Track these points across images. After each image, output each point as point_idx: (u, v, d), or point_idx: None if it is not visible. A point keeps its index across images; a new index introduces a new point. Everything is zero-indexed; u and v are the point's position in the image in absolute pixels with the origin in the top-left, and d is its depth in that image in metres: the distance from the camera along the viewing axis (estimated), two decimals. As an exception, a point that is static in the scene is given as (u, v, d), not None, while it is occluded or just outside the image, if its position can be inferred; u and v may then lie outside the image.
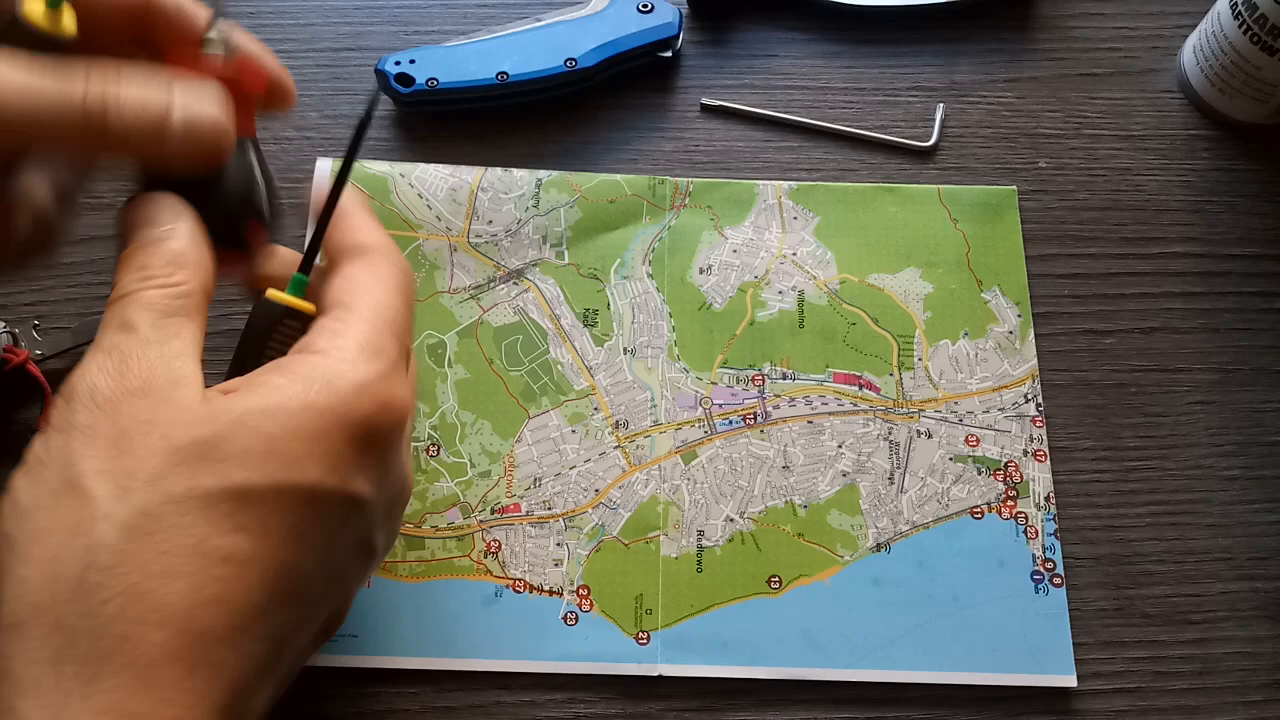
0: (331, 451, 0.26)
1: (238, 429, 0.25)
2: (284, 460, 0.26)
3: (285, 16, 0.53)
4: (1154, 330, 0.47)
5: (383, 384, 0.28)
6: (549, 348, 0.46)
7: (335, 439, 0.26)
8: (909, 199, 0.49)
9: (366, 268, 0.30)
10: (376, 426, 0.27)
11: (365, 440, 0.27)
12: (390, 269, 0.31)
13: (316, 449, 0.26)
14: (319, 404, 0.26)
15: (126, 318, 0.27)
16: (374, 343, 0.28)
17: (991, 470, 0.44)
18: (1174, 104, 0.52)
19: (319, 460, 0.26)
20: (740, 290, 0.47)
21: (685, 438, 0.44)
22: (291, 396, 0.26)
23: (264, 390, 0.26)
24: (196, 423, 0.25)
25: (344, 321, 0.29)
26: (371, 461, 0.28)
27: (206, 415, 0.26)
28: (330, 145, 0.50)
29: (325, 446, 0.26)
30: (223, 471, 0.25)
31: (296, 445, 0.26)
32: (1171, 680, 0.41)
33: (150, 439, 0.25)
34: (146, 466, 0.25)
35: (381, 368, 0.28)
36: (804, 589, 0.42)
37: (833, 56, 0.53)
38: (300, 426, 0.26)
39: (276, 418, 0.26)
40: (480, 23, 0.53)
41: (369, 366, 0.28)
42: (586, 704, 0.40)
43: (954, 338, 0.46)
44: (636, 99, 0.52)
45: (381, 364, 0.28)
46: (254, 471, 0.25)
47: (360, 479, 0.27)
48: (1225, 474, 0.45)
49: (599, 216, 0.48)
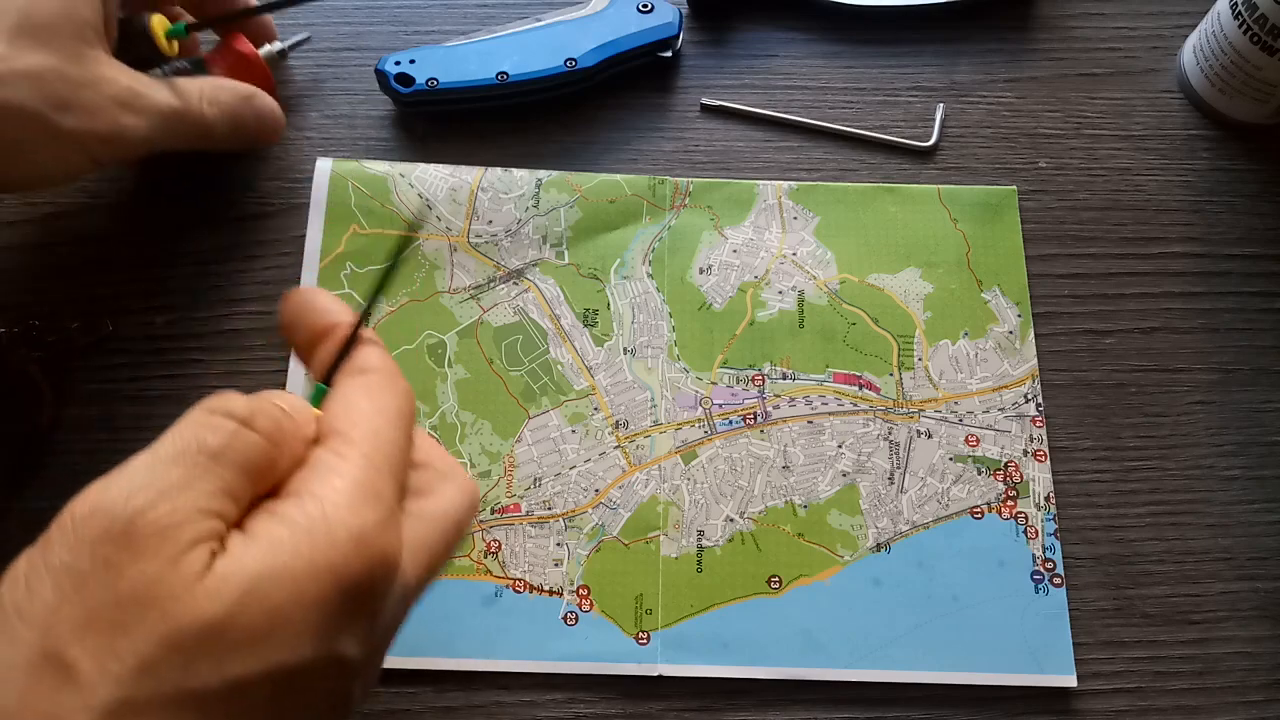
0: (327, 617, 0.25)
1: (244, 605, 0.23)
2: (283, 638, 0.24)
3: (285, 16, 0.53)
4: (1154, 330, 0.47)
5: (379, 535, 0.26)
6: (549, 348, 0.46)
7: (333, 600, 0.25)
8: (909, 199, 0.49)
9: (367, 393, 0.29)
10: (372, 582, 0.26)
11: (359, 598, 0.26)
12: (392, 396, 0.29)
13: (314, 616, 0.24)
14: (319, 562, 0.25)
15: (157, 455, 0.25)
16: (372, 485, 0.27)
17: (991, 470, 0.44)
18: (1174, 104, 0.52)
19: (315, 630, 0.25)
20: (740, 290, 0.47)
21: (685, 438, 0.44)
22: (295, 555, 0.24)
23: (267, 549, 0.24)
24: (200, 600, 0.23)
25: (341, 457, 0.27)
26: (362, 619, 0.26)
27: (211, 588, 0.23)
28: (330, 145, 0.50)
29: (323, 612, 0.25)
30: (220, 666, 0.23)
31: (297, 615, 0.24)
32: (1171, 680, 0.41)
33: (149, 616, 0.23)
34: (140, 651, 0.22)
35: (379, 515, 0.26)
36: (804, 589, 0.42)
37: (833, 56, 0.53)
38: (303, 592, 0.24)
39: (282, 583, 0.24)
40: (480, 23, 0.53)
41: (366, 514, 0.26)
42: (586, 704, 0.40)
43: (954, 338, 0.46)
44: (636, 99, 0.52)
45: (379, 511, 0.26)
46: (252, 660, 0.23)
47: (348, 639, 0.26)
48: (1225, 474, 0.45)
49: (599, 216, 0.48)
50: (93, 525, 0.23)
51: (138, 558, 0.23)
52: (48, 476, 0.43)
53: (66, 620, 0.22)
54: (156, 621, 0.22)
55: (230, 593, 0.23)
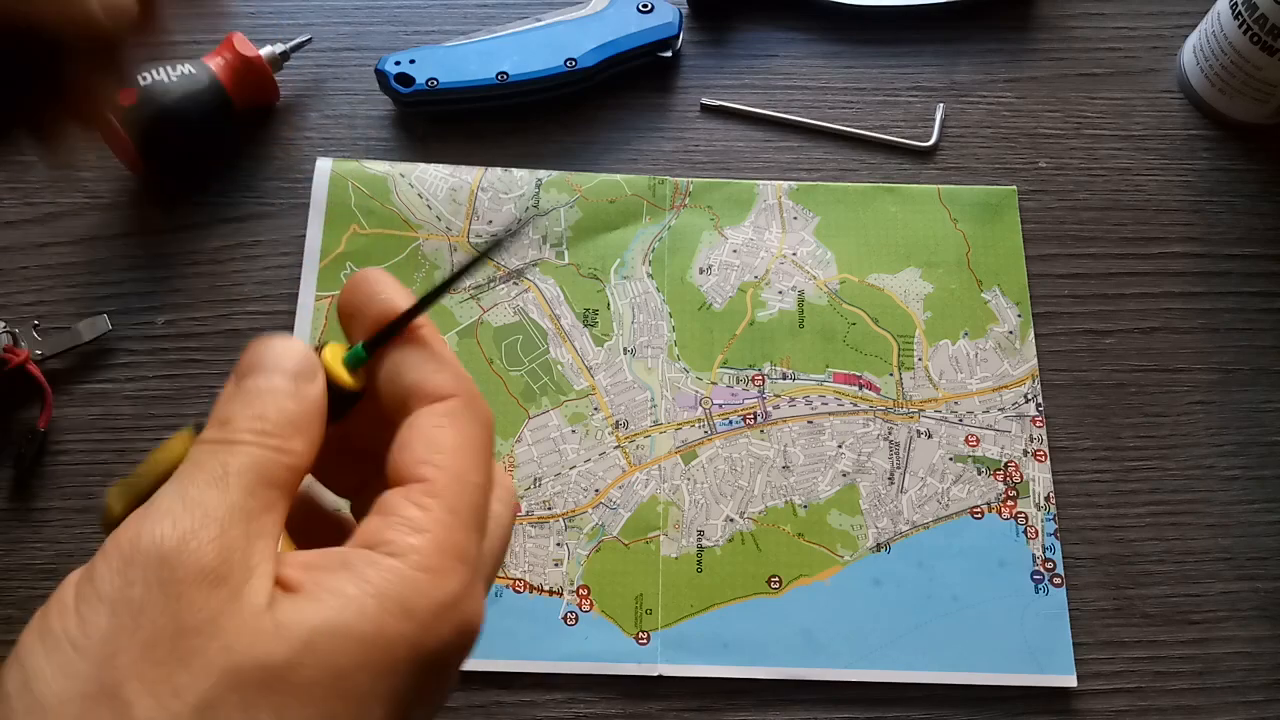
0: (399, 688, 0.23)
1: (305, 657, 0.22)
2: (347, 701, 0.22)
3: (285, 16, 0.53)
4: (1154, 330, 0.47)
5: (464, 604, 0.24)
6: (549, 348, 0.46)
7: (405, 673, 0.23)
8: (909, 199, 0.49)
9: (451, 427, 0.26)
10: (450, 653, 0.24)
11: (435, 668, 0.24)
12: (475, 426, 0.26)
13: (383, 685, 0.23)
14: (393, 632, 0.22)
15: (225, 470, 0.23)
16: (457, 544, 0.24)
17: (991, 470, 0.44)
18: (1174, 104, 0.52)
19: (383, 699, 0.23)
20: (740, 290, 0.47)
21: (685, 438, 0.44)
22: (364, 617, 0.22)
23: (335, 603, 0.22)
24: (263, 639, 0.22)
25: (424, 510, 0.24)
26: (435, 685, 0.24)
27: (274, 629, 0.22)
28: (330, 145, 0.50)
29: (393, 683, 0.23)
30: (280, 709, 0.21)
31: (363, 680, 0.22)
32: (1171, 680, 0.41)
33: (210, 649, 0.21)
34: (199, 687, 0.21)
35: (462, 579, 0.24)
36: (804, 589, 0.42)
37: (833, 56, 0.53)
38: (370, 659, 0.22)
39: (347, 646, 0.22)
40: (480, 23, 0.53)
41: (450, 580, 0.24)
42: (586, 704, 0.40)
43: (954, 338, 0.46)
44: (636, 99, 0.52)
45: (462, 575, 0.24)
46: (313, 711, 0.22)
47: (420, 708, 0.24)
48: (1225, 474, 0.45)
49: (599, 216, 0.48)
50: (145, 552, 0.22)
51: (197, 586, 0.21)
52: (48, 476, 0.43)
53: (124, 651, 0.21)
54: (218, 655, 0.21)
55: (293, 638, 0.22)
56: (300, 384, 0.25)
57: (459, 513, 0.24)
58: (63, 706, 0.20)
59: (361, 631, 0.22)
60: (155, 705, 0.20)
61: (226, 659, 0.21)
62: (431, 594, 0.23)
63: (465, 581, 0.24)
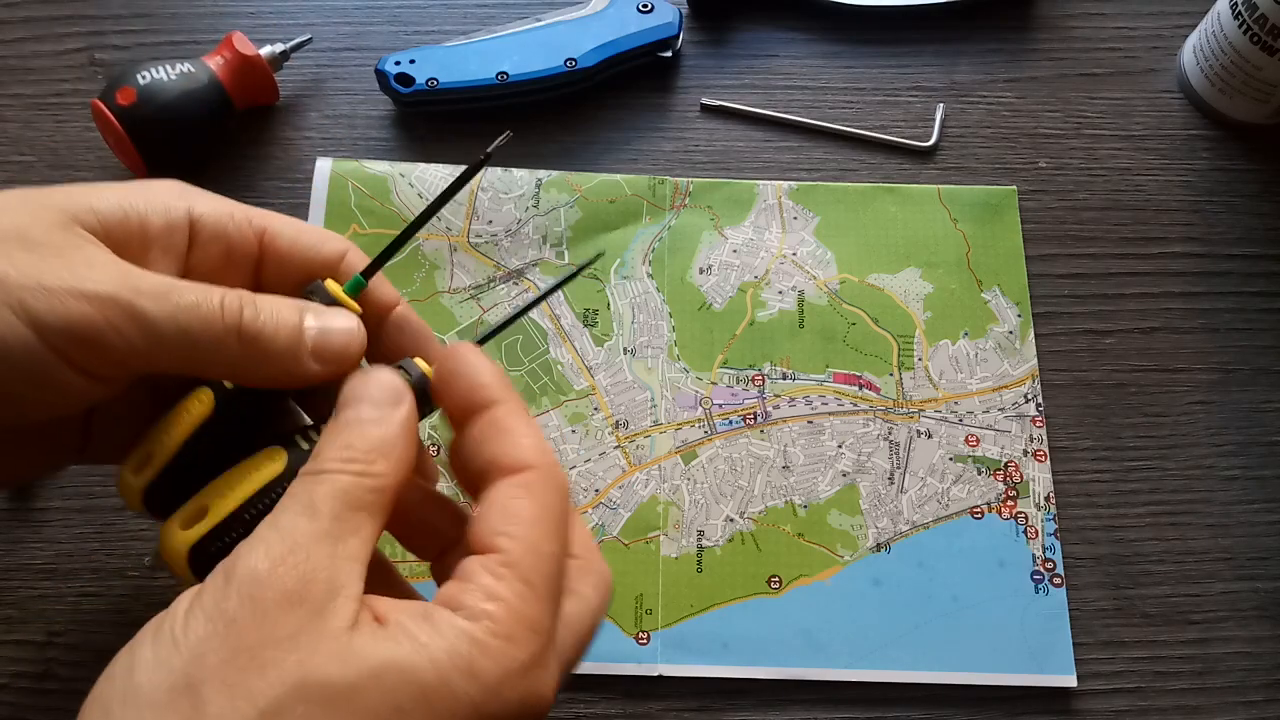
0: None
1: (370, 684, 0.23)
2: None
3: (285, 16, 0.53)
4: (1154, 330, 0.47)
5: (532, 674, 0.24)
6: (549, 348, 0.46)
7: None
8: (909, 199, 0.49)
9: (527, 498, 0.27)
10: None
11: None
12: (553, 495, 0.27)
13: None
14: (458, 689, 0.23)
15: (313, 500, 0.25)
16: (530, 615, 0.25)
17: (991, 470, 0.44)
18: (1174, 104, 0.52)
19: None
20: (740, 290, 0.47)
21: (685, 438, 0.44)
22: (432, 666, 0.23)
23: (409, 646, 0.24)
24: (335, 659, 0.23)
25: (499, 579, 0.25)
26: None
27: (347, 653, 0.23)
28: (330, 145, 0.50)
29: None
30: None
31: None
32: (1171, 680, 0.41)
33: (286, 661, 0.23)
34: (270, 694, 0.22)
35: (532, 650, 0.25)
36: (804, 589, 0.42)
37: (833, 56, 0.53)
38: (431, 706, 0.23)
39: (410, 688, 0.23)
40: (480, 23, 0.53)
41: (520, 650, 0.24)
42: (586, 704, 0.40)
43: (954, 338, 0.46)
44: (636, 99, 0.52)
45: (534, 645, 0.25)
46: None
47: None
48: (1225, 474, 0.45)
49: (599, 216, 0.48)
50: (241, 575, 0.24)
51: (282, 605, 0.23)
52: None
53: (212, 654, 0.23)
54: (293, 668, 0.23)
55: (363, 665, 0.23)
56: (385, 410, 0.27)
57: (533, 584, 0.25)
58: (153, 693, 0.23)
59: (427, 679, 0.23)
60: (227, 705, 0.22)
61: (299, 672, 0.23)
62: (499, 660, 0.24)
63: (535, 652, 0.25)
